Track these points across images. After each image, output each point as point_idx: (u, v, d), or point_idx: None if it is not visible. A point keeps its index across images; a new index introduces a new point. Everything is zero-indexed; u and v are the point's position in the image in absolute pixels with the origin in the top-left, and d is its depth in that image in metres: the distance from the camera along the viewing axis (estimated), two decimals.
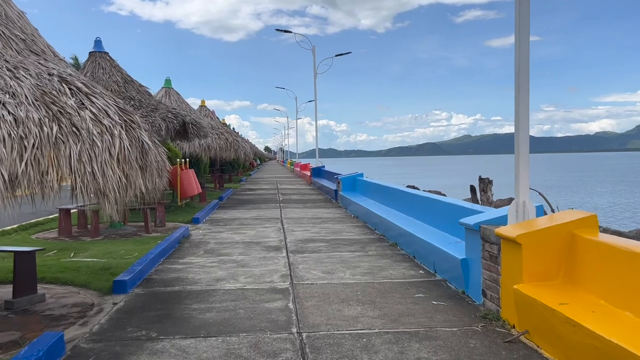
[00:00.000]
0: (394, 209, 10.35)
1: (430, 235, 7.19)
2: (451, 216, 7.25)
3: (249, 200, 17.52)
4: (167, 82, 16.57)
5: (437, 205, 7.93)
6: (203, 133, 10.54)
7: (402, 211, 9.71)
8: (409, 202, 9.42)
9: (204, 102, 22.60)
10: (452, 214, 7.25)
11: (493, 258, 4.85)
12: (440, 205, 7.82)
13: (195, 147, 15.56)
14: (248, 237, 9.58)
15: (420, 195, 8.96)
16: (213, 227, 11.01)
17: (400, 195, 10.16)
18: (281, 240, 9.24)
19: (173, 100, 15.93)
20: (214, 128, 16.53)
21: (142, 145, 4.54)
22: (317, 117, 31.18)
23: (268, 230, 10.42)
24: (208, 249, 8.49)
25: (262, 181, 31.14)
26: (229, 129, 21.25)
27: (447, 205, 7.59)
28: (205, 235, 9.89)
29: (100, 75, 9.85)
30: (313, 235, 9.68)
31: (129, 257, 7.51)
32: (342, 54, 28.99)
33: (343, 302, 5.28)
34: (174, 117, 9.81)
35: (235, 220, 12.13)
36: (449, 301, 5.31)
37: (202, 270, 6.88)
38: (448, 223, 7.32)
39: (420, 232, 7.56)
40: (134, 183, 4.35)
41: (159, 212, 11.08)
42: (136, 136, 4.50)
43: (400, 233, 8.28)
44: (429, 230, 7.72)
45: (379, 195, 12.04)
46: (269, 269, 6.90)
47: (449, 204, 7.60)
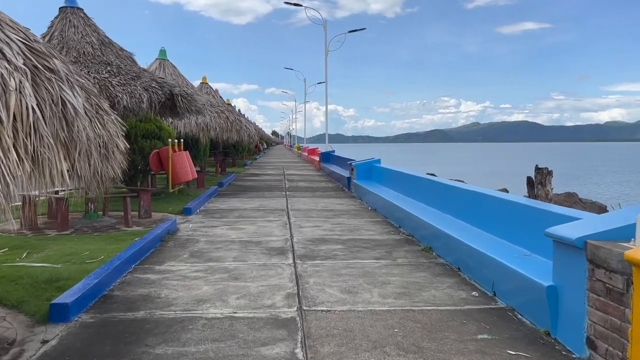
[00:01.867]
0: (422, 202, 8.63)
1: (483, 243, 5.47)
2: (510, 218, 5.52)
3: (252, 187, 15.83)
4: (161, 53, 14.80)
5: (488, 202, 6.20)
6: (195, 108, 8.80)
7: (434, 206, 7.99)
8: (444, 196, 7.69)
9: (205, 78, 20.83)
10: (511, 215, 5.53)
11: (613, 294, 3.14)
12: (493, 202, 6.09)
13: (192, 127, 13.85)
14: (247, 235, 7.90)
15: (461, 188, 7.22)
16: (207, 220, 9.34)
17: (430, 186, 8.42)
18: (287, 239, 7.56)
19: (168, 73, 14.19)
20: (214, 106, 14.79)
21: (64, 108, 2.82)
22: (326, 100, 29.35)
23: (271, 226, 8.73)
24: (196, 250, 6.82)
25: (267, 166, 29.45)
26: (232, 108, 19.49)
27: (503, 203, 5.86)
28: (196, 231, 8.22)
29: (70, 35, 8.13)
30: (325, 234, 7.99)
31: (91, 262, 5.86)
32: (355, 30, 27.03)
33: (376, 349, 3.60)
34: (158, 87, 8.09)
35: (234, 212, 10.44)
36: (533, 350, 3.61)
37: (182, 283, 5.21)
38: (505, 227, 5.60)
39: (467, 236, 5.84)
40: (47, 168, 2.65)
41: (143, 200, 9.41)
42: (52, 92, 2.78)
43: (436, 235, 6.58)
44: (478, 234, 6.00)
45: (402, 185, 10.31)
46: (270, 283, 5.23)
47: (506, 202, 5.86)
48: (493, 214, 5.98)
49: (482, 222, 6.20)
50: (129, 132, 11.42)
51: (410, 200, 9.19)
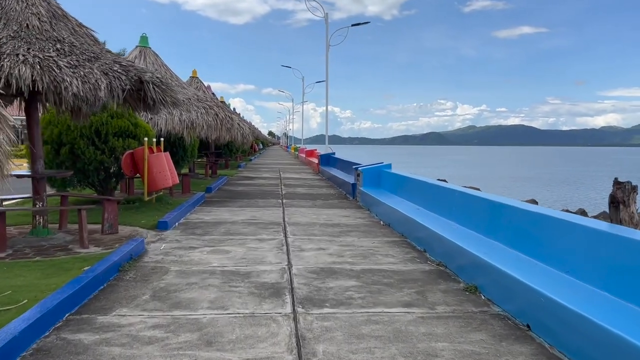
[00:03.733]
0: (453, 220, 6.91)
1: (568, 291, 3.76)
2: (600, 254, 3.82)
3: (244, 194, 14.07)
4: (142, 40, 13.02)
5: (562, 231, 4.47)
6: (171, 100, 7.04)
7: (473, 228, 6.26)
8: (490, 216, 5.95)
9: (195, 72, 19.09)
10: (602, 250, 3.82)
11: None
12: (569, 230, 4.36)
13: (174, 124, 12.09)
14: (232, 262, 6.16)
15: (515, 206, 5.47)
16: (185, 238, 7.59)
17: (465, 201, 6.68)
18: (283, 269, 5.83)
19: (149, 62, 12.44)
20: (201, 101, 13.03)
21: None
22: (323, 101, 27.62)
23: (264, 247, 6.99)
24: (161, 287, 5.08)
25: (263, 168, 27.68)
26: (224, 105, 17.74)
27: (589, 232, 4.13)
28: (168, 255, 6.47)
29: (12, 4, 6.38)
30: (333, 261, 6.26)
31: (4, 310, 4.12)
32: (359, 24, 25.30)
33: None
34: (123, 71, 6.32)
35: (220, 226, 8.70)
36: None
37: (128, 354, 3.47)
38: (595, 267, 3.90)
39: (539, 278, 4.14)
40: None
41: (108, 212, 7.66)
42: None
43: (484, 269, 4.86)
44: (552, 275, 4.29)
45: (421, 196, 8.59)
46: (259, 355, 3.50)
47: (591, 231, 4.14)
48: (570, 249, 4.26)
49: (553, 258, 4.48)
50: (99, 130, 9.70)
51: (435, 217, 7.48)
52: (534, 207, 5.06)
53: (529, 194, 36.17)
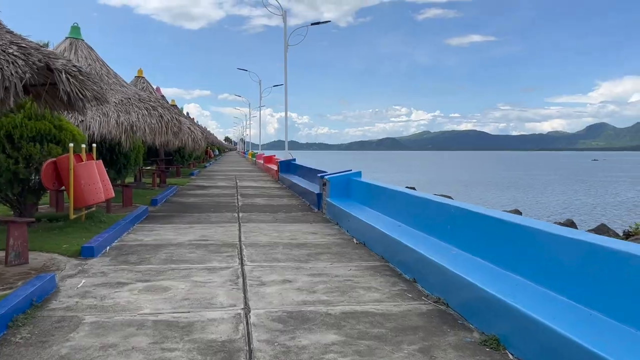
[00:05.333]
0: (448, 242, 5.63)
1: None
2: None
3: (195, 206, 12.47)
4: (73, 31, 11.23)
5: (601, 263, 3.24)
6: (93, 94, 5.49)
7: (476, 253, 4.99)
8: (500, 240, 4.67)
9: (141, 72, 17.31)
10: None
11: None
12: (607, 257, 3.14)
13: (110, 127, 10.38)
14: (171, 305, 4.67)
15: (547, 231, 4.23)
16: (113, 270, 6.02)
17: (466, 219, 5.38)
18: (238, 317, 4.39)
19: (81, 57, 10.72)
20: (143, 101, 11.36)
21: None
22: (280, 107, 26.23)
23: (214, 282, 5.52)
24: (61, 356, 3.55)
25: (218, 175, 25.94)
26: (171, 106, 16.03)
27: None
28: (85, 297, 4.91)
29: None
30: (303, 300, 4.86)
31: None
32: (319, 23, 23.99)
33: None
34: (22, 54, 4.76)
35: (161, 250, 7.14)
36: None
37: None
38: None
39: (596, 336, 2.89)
40: None
41: (14, 237, 6.00)
42: None
43: (514, 319, 3.60)
44: (607, 325, 3.06)
45: (403, 210, 7.30)
46: None
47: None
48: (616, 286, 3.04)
49: (615, 307, 3.25)
50: (12, 134, 7.98)
51: (423, 237, 6.20)
52: (573, 232, 3.83)
53: (505, 201, 35.98)
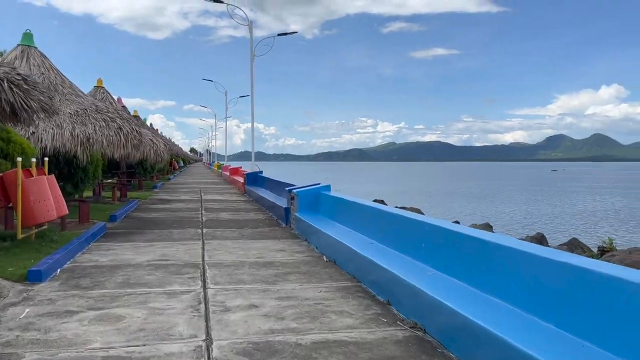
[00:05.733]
0: (423, 262, 5.36)
1: None
2: None
3: (157, 222, 11.92)
4: (25, 38, 10.55)
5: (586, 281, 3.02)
6: (39, 105, 5.02)
7: (454, 275, 4.73)
8: (482, 263, 4.43)
9: (100, 81, 16.64)
10: None
11: None
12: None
13: (65, 139, 9.76)
14: (124, 338, 4.22)
15: (503, 245, 4.01)
16: (62, 296, 5.51)
17: (443, 238, 5.12)
18: (200, 350, 3.98)
19: (33, 65, 10.09)
20: (100, 112, 10.76)
21: None
22: (247, 118, 25.79)
23: (174, 308, 5.09)
24: None
25: (182, 189, 25.22)
26: (133, 118, 15.40)
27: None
28: (28, 329, 4.40)
29: None
30: (271, 329, 4.49)
31: None
32: (285, 34, 23.77)
33: None
34: None
35: (118, 272, 6.64)
36: None
37: None
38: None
39: None
40: None
41: None
42: None
43: (500, 351, 3.33)
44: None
45: (375, 226, 7.02)
46: None
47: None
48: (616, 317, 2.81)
49: (571, 320, 3.02)
50: None
51: (396, 255, 5.93)
52: (560, 255, 3.59)
53: (470, 211, 36.30)
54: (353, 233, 7.57)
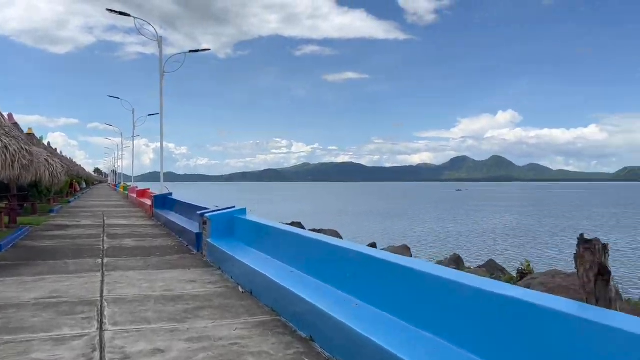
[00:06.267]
0: (348, 292, 4.98)
1: None
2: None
3: (50, 251, 10.66)
4: None
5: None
6: None
7: (384, 308, 4.39)
8: (414, 295, 4.13)
9: None
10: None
11: None
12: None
13: None
14: None
15: (437, 276, 3.75)
16: None
17: (371, 267, 4.77)
18: None
19: None
20: None
21: None
22: (156, 137, 24.55)
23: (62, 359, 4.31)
24: None
25: (83, 212, 23.28)
26: (28, 137, 13.87)
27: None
28: None
29: None
30: None
31: None
32: (197, 51, 22.92)
33: None
34: None
35: None
36: None
37: None
38: None
39: None
40: None
41: None
42: None
43: None
44: None
45: (295, 253, 6.57)
46: None
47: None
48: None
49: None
50: None
51: (319, 285, 5.51)
52: (505, 288, 3.33)
53: (382, 230, 36.87)
54: (272, 261, 7.08)
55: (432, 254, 22.88)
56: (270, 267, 6.61)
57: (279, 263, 6.83)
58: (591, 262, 3.65)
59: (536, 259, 22.23)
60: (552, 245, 31.26)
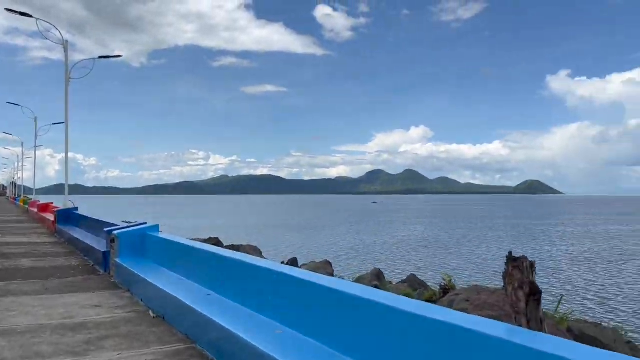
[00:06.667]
0: (272, 318, 4.66)
1: None
2: None
3: None
4: None
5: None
6: None
7: (309, 333, 4.11)
8: (314, 306, 3.91)
9: None
10: None
11: None
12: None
13: None
14: None
15: (369, 300, 3.54)
16: None
17: (293, 287, 4.50)
18: None
19: None
20: None
21: None
22: (62, 147, 22.88)
23: None
24: None
25: None
26: None
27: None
28: None
29: None
30: None
31: None
32: (108, 57, 21.63)
33: None
34: None
35: None
36: None
37: None
38: None
39: None
40: None
41: None
42: None
43: None
44: None
45: (212, 274, 6.13)
46: None
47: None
48: None
49: None
50: None
51: (239, 310, 5.12)
52: (442, 312, 3.15)
53: (314, 248, 36.63)
54: (187, 282, 6.57)
55: (354, 269, 23.04)
56: (184, 290, 6.13)
57: (195, 285, 6.35)
58: (519, 280, 3.63)
59: (451, 271, 23.07)
60: (460, 255, 32.74)
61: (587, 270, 27.71)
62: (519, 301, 3.58)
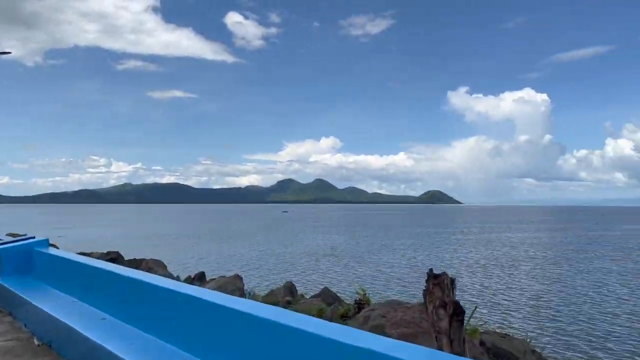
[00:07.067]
0: (176, 345, 4.22)
1: None
2: None
3: None
4: None
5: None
6: None
7: (201, 355, 3.74)
8: (228, 334, 3.58)
9: None
10: None
11: None
12: None
13: None
14: None
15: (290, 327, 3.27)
16: None
17: (179, 304, 4.11)
18: None
19: None
20: None
21: None
22: None
23: None
24: None
25: None
26: None
27: None
28: None
29: None
30: None
31: None
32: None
33: None
34: None
35: None
36: None
37: None
38: None
39: None
40: None
41: None
42: None
43: None
44: None
45: (109, 294, 5.54)
46: None
47: None
48: None
49: None
50: None
51: (135, 334, 4.62)
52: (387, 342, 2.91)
53: (222, 261, 35.34)
54: (79, 305, 5.89)
55: (265, 283, 22.59)
56: (76, 314, 5.46)
57: (89, 308, 5.70)
58: (440, 299, 3.53)
59: (362, 282, 23.38)
60: (370, 264, 33.41)
61: (483, 277, 29.38)
62: (440, 320, 3.48)
